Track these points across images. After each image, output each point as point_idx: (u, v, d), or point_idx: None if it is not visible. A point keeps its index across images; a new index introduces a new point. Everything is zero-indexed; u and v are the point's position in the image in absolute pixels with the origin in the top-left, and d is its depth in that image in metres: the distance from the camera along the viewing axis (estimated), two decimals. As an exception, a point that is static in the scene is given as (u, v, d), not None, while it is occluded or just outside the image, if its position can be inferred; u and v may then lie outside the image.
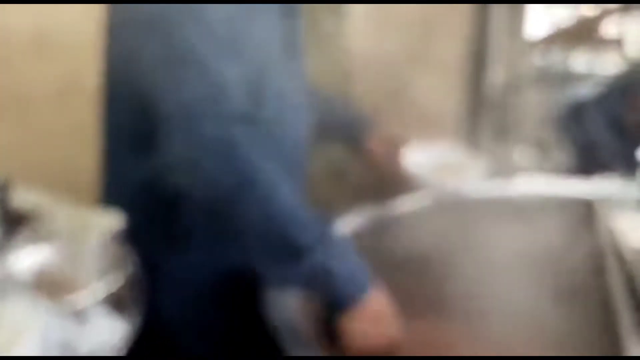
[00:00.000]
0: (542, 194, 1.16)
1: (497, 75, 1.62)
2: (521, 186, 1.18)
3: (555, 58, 1.65)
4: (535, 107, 1.51)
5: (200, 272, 1.07)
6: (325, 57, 1.53)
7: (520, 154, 1.31)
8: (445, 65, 1.22)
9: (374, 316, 0.95)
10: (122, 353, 0.80)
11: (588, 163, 1.34)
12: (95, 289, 0.84)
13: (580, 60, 1.68)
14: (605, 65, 1.69)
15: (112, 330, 0.80)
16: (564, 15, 1.71)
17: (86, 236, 0.91)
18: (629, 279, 0.96)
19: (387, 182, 1.09)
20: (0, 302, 0.78)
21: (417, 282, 1.02)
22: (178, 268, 1.05)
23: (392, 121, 1.17)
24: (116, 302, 0.85)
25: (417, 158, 1.18)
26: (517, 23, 1.68)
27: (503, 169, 1.21)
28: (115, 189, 1.11)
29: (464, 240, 1.07)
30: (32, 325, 0.73)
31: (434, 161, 1.19)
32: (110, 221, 0.89)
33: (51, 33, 1.32)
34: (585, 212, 1.10)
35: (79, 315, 0.80)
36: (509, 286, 1.02)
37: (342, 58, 1.61)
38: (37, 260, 0.86)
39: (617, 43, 1.70)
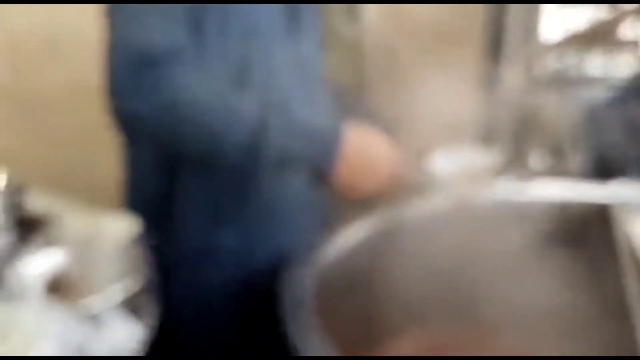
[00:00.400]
0: (558, 198, 1.15)
1: (512, 78, 1.61)
2: (536, 190, 1.17)
3: (571, 61, 1.64)
4: (551, 110, 1.50)
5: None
6: (341, 60, 1.53)
7: (535, 158, 1.30)
8: (460, 69, 1.21)
9: (357, 159, 1.00)
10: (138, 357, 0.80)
11: (604, 167, 1.33)
12: (110, 293, 0.84)
13: (596, 63, 1.66)
14: (621, 68, 1.67)
15: (128, 334, 0.80)
16: (580, 17, 1.69)
17: (101, 240, 0.91)
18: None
19: (404, 187, 1.08)
20: (15, 306, 0.78)
21: (433, 287, 1.02)
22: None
23: (407, 125, 1.17)
24: (132, 306, 0.85)
25: (435, 161, 1.18)
26: (532, 26, 1.67)
27: (519, 173, 1.20)
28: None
29: (479, 246, 1.06)
30: (47, 329, 0.73)
31: (453, 165, 1.18)
32: (126, 225, 0.89)
33: (64, 36, 1.32)
34: (602, 217, 1.09)
35: (95, 320, 0.80)
36: (524, 291, 1.02)
37: (357, 60, 1.61)
38: (51, 265, 0.87)
39: (634, 45, 1.69)
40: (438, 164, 1.18)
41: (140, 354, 0.82)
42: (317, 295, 0.94)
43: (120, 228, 0.93)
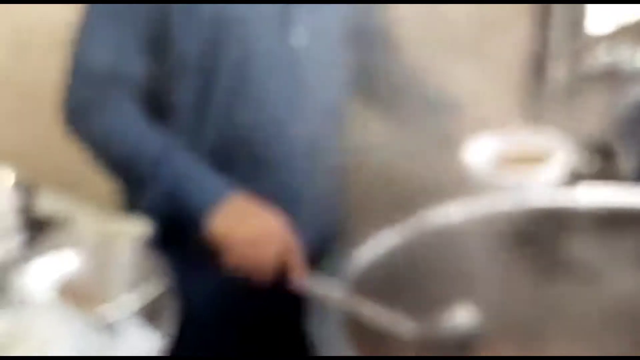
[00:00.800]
0: (607, 203, 1.08)
1: (558, 73, 1.54)
2: (584, 195, 1.10)
3: (622, 55, 1.55)
4: (599, 107, 1.43)
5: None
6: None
7: (582, 159, 1.23)
8: (504, 64, 1.16)
9: (237, 211, 0.95)
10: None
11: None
12: (127, 300, 0.80)
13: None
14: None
15: (145, 344, 0.76)
16: (630, 10, 1.61)
17: (115, 244, 0.86)
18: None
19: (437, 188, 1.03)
20: (28, 312, 0.74)
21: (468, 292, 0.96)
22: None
23: (451, 122, 1.12)
24: (150, 313, 0.81)
25: (476, 158, 1.12)
26: (579, 18, 1.59)
27: (565, 176, 1.13)
28: None
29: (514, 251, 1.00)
30: (61, 337, 0.69)
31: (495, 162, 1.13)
32: (139, 228, 0.84)
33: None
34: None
35: (110, 329, 0.76)
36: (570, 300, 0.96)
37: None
38: (63, 269, 0.83)
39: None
40: (480, 159, 1.12)
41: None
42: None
43: (133, 231, 0.88)
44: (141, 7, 0.97)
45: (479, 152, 1.13)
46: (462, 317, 0.90)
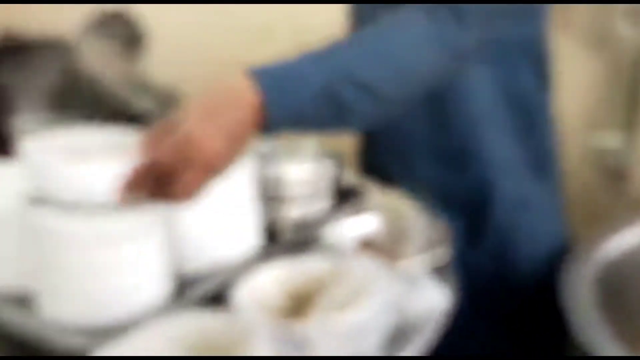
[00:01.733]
0: None
1: (629, 35, 1.48)
2: None
3: None
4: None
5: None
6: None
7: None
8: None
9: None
10: (444, 321, 0.85)
11: None
12: (421, 260, 0.90)
13: None
14: None
15: (439, 298, 0.85)
16: None
17: (405, 212, 0.98)
18: None
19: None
20: (341, 257, 0.86)
21: None
22: None
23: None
24: (439, 274, 0.90)
25: None
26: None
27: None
28: None
29: None
30: (374, 283, 0.80)
31: None
32: (418, 202, 0.95)
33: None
34: None
35: (411, 281, 0.86)
36: None
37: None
38: (364, 228, 0.95)
39: None
40: None
41: (446, 318, 0.86)
42: (599, 291, 0.94)
43: (416, 203, 0.99)
44: None
45: None
46: None
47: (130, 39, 1.88)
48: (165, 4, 1.77)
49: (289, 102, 0.74)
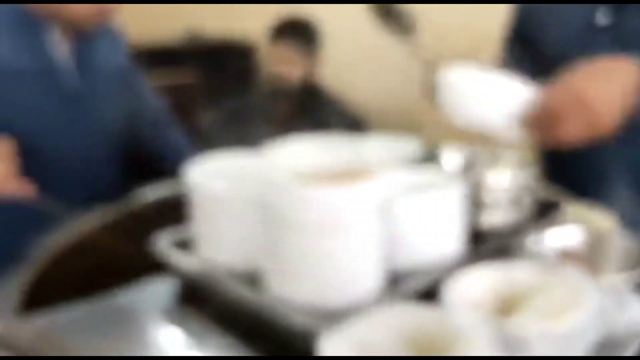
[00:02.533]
0: None
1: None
2: None
3: None
4: None
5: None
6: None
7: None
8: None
9: None
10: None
11: None
12: (623, 277, 0.91)
13: None
14: None
15: (642, 316, 0.86)
16: None
17: (604, 229, 0.98)
18: None
19: None
20: (553, 271, 0.88)
21: None
22: None
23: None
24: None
25: None
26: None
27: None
28: None
29: None
30: (584, 294, 0.81)
31: None
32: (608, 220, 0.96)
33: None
34: None
35: (615, 296, 0.87)
36: None
37: None
38: (564, 240, 0.97)
39: None
40: None
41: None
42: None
43: (608, 221, 1.00)
44: None
45: None
46: None
47: (310, 43, 1.96)
48: (339, 3, 1.82)
49: None
